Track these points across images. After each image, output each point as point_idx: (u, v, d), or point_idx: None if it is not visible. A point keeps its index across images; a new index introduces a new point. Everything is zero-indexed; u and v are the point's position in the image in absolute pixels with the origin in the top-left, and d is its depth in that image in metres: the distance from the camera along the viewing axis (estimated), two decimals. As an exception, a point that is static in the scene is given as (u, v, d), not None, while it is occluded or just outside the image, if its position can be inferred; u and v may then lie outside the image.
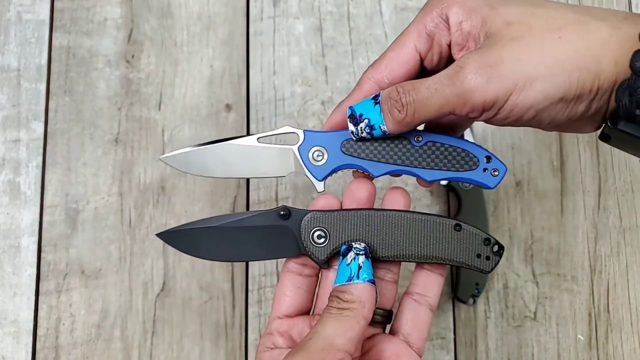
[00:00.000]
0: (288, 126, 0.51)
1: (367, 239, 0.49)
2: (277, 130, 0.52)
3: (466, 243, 0.49)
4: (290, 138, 0.52)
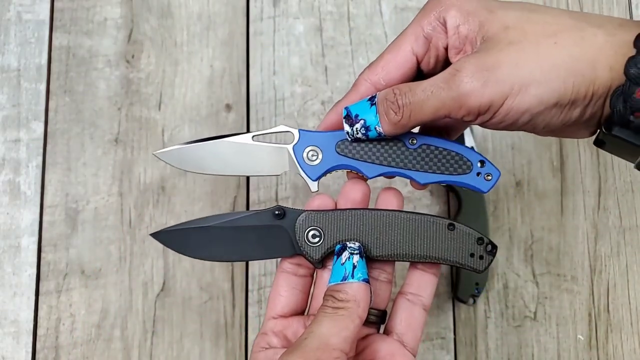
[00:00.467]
0: (283, 125, 0.51)
1: (362, 239, 0.49)
2: (273, 128, 0.52)
3: (460, 242, 0.49)
4: (285, 137, 0.52)
